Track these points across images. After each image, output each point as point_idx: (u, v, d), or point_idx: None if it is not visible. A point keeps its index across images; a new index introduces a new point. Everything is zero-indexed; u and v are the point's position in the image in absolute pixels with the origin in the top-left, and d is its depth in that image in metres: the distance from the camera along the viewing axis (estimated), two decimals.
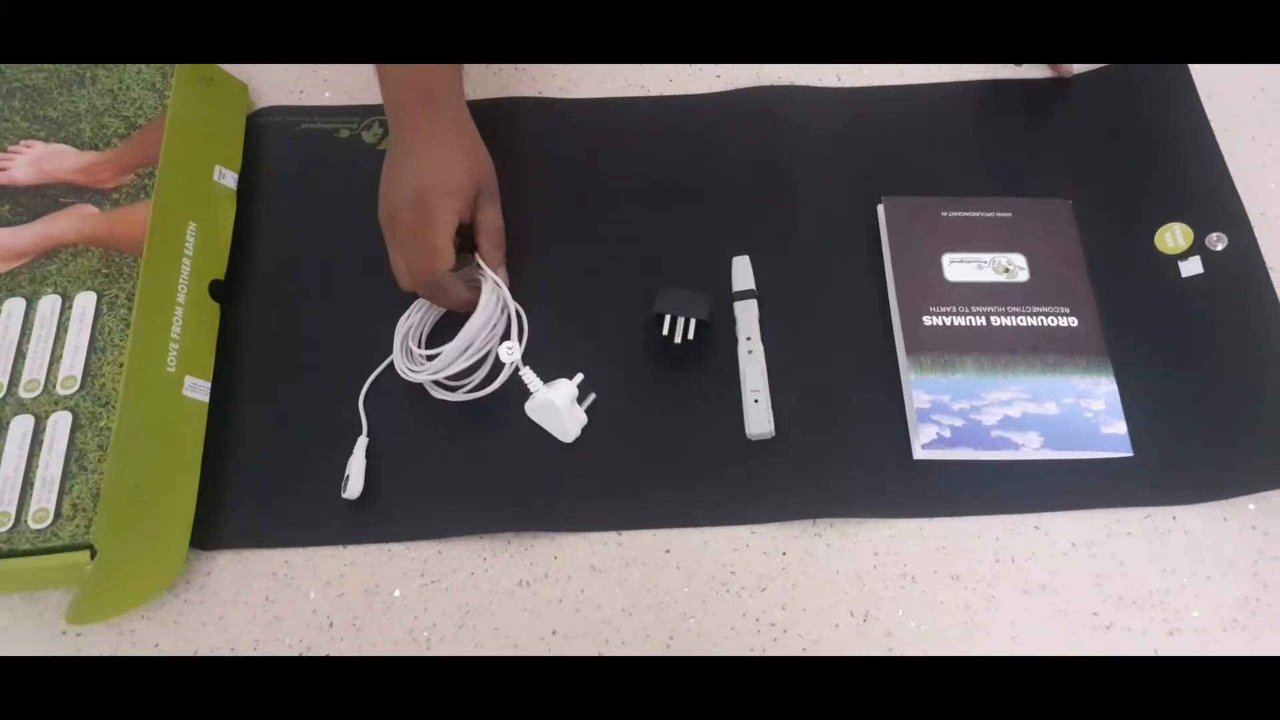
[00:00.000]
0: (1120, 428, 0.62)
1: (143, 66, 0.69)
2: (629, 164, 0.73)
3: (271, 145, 0.74)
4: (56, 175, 0.65)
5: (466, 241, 0.64)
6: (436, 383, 0.64)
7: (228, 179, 0.70)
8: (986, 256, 0.68)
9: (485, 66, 0.77)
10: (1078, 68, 0.76)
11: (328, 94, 0.76)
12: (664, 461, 0.62)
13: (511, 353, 0.61)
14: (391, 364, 0.65)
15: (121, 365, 0.59)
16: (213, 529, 0.60)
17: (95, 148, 0.67)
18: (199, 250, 0.66)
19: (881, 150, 0.74)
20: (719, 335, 0.66)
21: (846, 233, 0.70)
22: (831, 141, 0.74)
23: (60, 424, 0.58)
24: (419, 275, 0.60)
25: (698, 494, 0.61)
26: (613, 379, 0.65)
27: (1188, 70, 0.74)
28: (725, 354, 0.65)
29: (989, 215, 0.70)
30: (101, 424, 0.57)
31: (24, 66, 0.69)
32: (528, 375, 0.61)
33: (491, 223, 0.64)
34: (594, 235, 0.70)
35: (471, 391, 0.63)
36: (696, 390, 0.65)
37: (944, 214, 0.70)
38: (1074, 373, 0.64)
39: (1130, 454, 0.62)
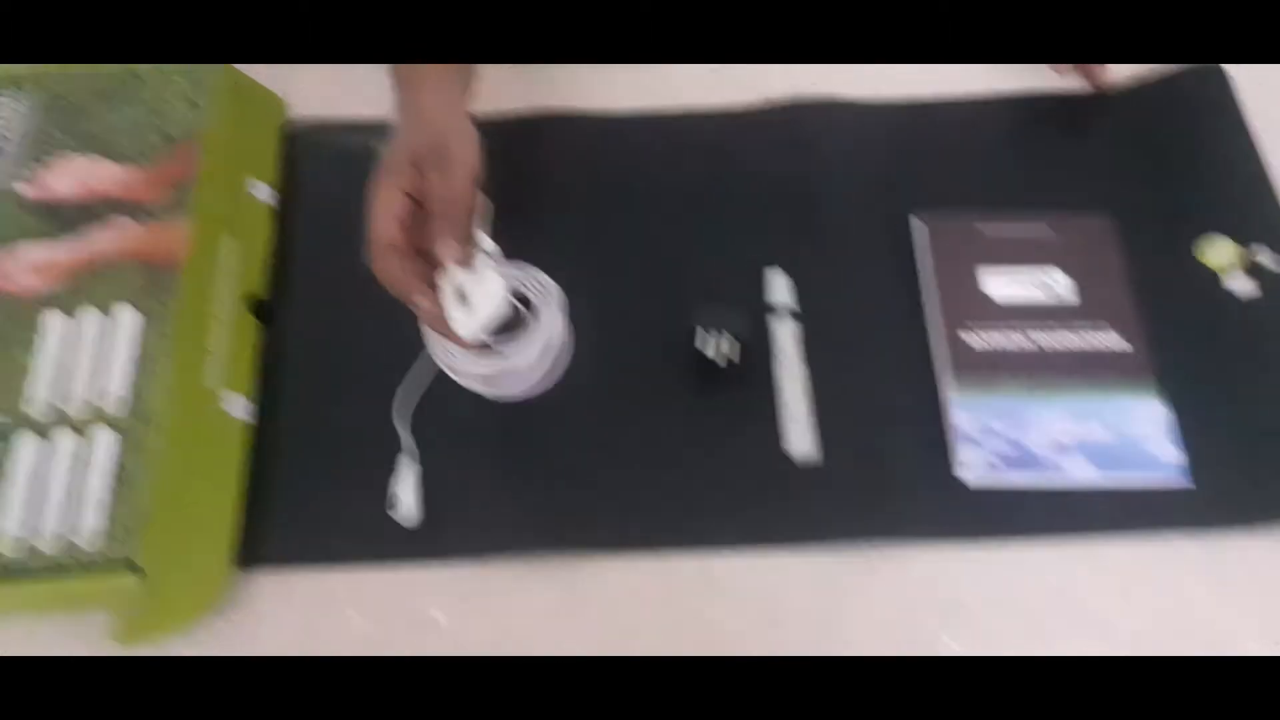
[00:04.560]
0: (1174, 452, 0.61)
1: (175, 77, 0.69)
2: (660, 179, 0.73)
3: (306, 159, 0.74)
4: (97, 190, 0.65)
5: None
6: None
7: (263, 193, 0.70)
8: (1027, 273, 0.68)
9: (510, 76, 0.76)
10: (1114, 74, 0.75)
11: (362, 107, 0.76)
12: (705, 483, 0.62)
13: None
14: (435, 380, 0.64)
15: (163, 382, 0.58)
16: (254, 548, 0.60)
17: (134, 162, 0.66)
18: (238, 266, 0.65)
19: (917, 165, 0.73)
20: (756, 353, 0.65)
21: (882, 249, 0.70)
22: (866, 156, 0.73)
23: (104, 442, 0.57)
24: (368, 253, 0.56)
25: (740, 517, 0.61)
26: (650, 398, 0.64)
27: (1227, 78, 0.73)
28: (763, 372, 0.65)
29: (1028, 230, 0.69)
30: (146, 442, 0.57)
31: (62, 80, 0.69)
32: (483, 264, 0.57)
33: (437, 189, 0.54)
34: (625, 251, 0.70)
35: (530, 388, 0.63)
36: (735, 410, 0.64)
37: (982, 230, 0.69)
38: (1123, 395, 0.63)
39: (1186, 480, 0.60)
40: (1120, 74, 0.75)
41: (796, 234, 0.70)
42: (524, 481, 0.62)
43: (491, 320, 0.56)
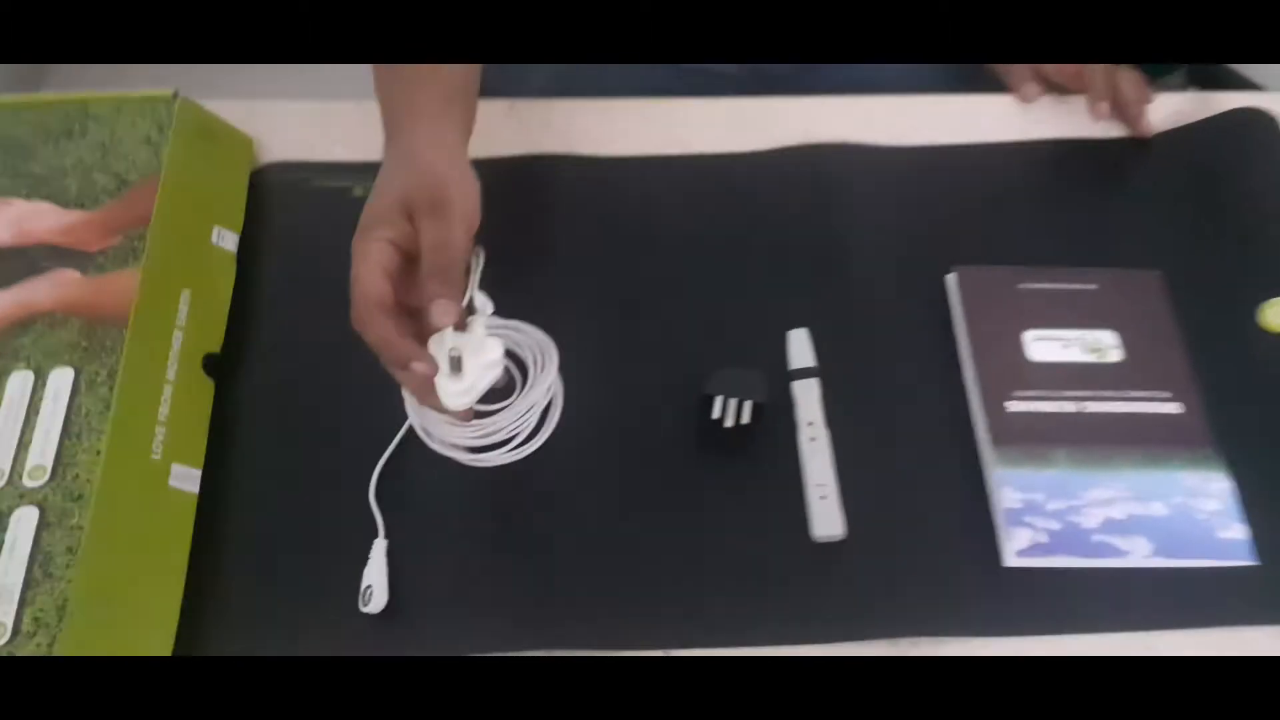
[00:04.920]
0: (1240, 531, 0.55)
1: (132, 113, 0.63)
2: (669, 227, 0.67)
3: (278, 204, 0.68)
4: (36, 236, 0.59)
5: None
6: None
7: (227, 241, 0.64)
8: (1073, 334, 0.61)
9: (504, 117, 0.70)
10: (1152, 118, 0.69)
11: (339, 149, 0.70)
12: (717, 566, 0.55)
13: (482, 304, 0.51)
14: (405, 445, 0.57)
15: (99, 453, 0.51)
16: (200, 643, 0.52)
17: (81, 206, 0.60)
18: (193, 321, 0.59)
19: (946, 215, 0.67)
20: (776, 418, 0.59)
21: (913, 305, 0.64)
22: (891, 204, 0.68)
23: (24, 522, 0.50)
24: (352, 313, 0.48)
25: (759, 606, 0.54)
26: (656, 467, 0.58)
27: (1274, 120, 0.68)
28: (783, 440, 0.58)
29: (1072, 287, 0.63)
30: (73, 522, 0.50)
31: (6, 117, 0.63)
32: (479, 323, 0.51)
33: (432, 241, 0.48)
34: (631, 305, 0.64)
35: (513, 451, 0.55)
36: (752, 482, 0.58)
37: (1022, 286, 0.63)
38: (1181, 467, 0.56)
39: (1254, 562, 0.54)
40: (1158, 115, 0.70)
41: (820, 290, 0.64)
42: (511, 558, 0.56)
43: (484, 390, 0.49)
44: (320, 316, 0.62)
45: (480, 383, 0.48)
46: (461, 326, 0.48)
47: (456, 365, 0.47)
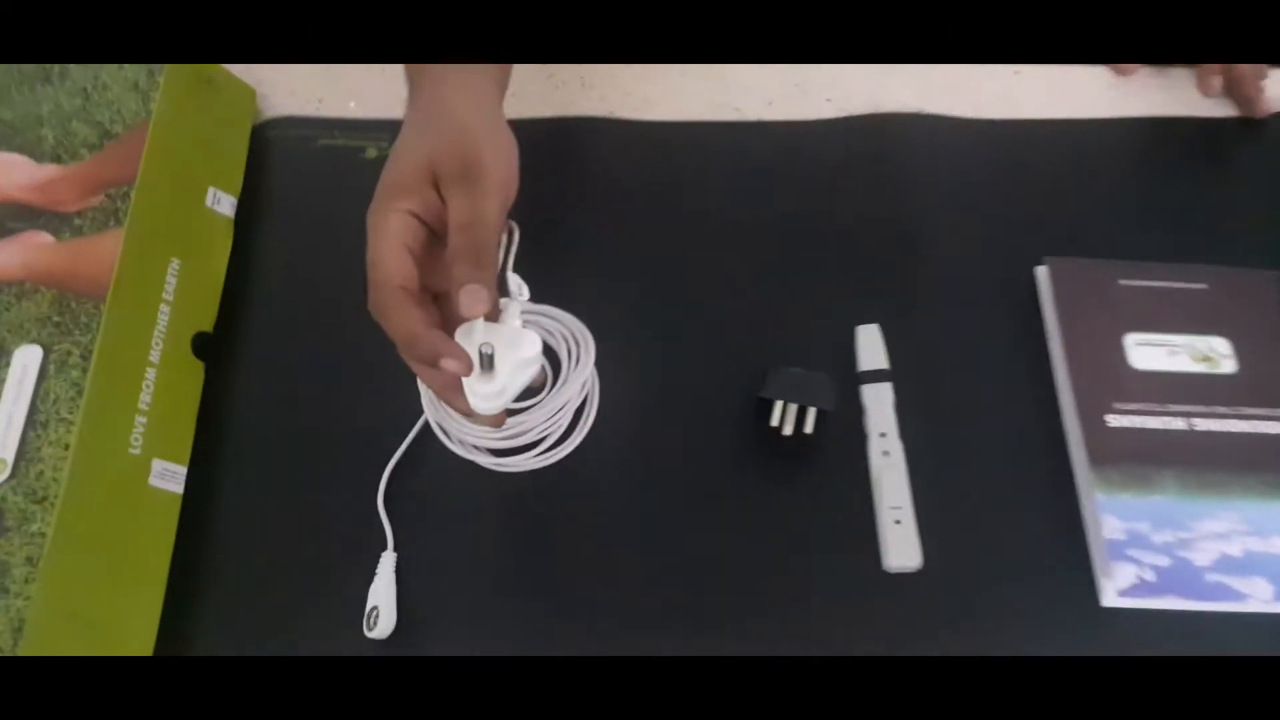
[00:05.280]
0: None
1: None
2: (722, 203, 0.59)
3: (281, 165, 0.61)
4: (4, 193, 0.52)
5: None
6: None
7: (224, 205, 0.57)
8: (1180, 339, 0.54)
9: (540, 75, 0.63)
10: (1271, 98, 0.61)
11: (353, 104, 0.62)
12: (771, 598, 0.49)
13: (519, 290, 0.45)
14: (419, 444, 0.50)
15: (68, 447, 0.44)
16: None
17: (58, 160, 0.53)
18: (182, 295, 0.52)
19: (1035, 198, 0.60)
20: (842, 427, 0.51)
21: (997, 300, 0.56)
22: (972, 183, 0.60)
23: None
24: (370, 300, 0.41)
25: (818, 646, 0.47)
26: (703, 480, 0.51)
27: None
28: (851, 453, 0.51)
29: (1179, 286, 0.56)
30: (34, 528, 0.43)
31: None
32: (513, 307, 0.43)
33: (462, 215, 0.40)
34: (678, 292, 0.56)
35: (543, 455, 0.49)
36: (813, 501, 0.51)
37: (1123, 283, 0.56)
38: None
39: None
40: (1276, 93, 0.62)
41: (891, 280, 0.56)
42: (540, 577, 0.49)
43: (518, 392, 0.41)
44: (327, 293, 0.56)
45: (514, 384, 0.41)
46: (493, 316, 0.41)
47: (488, 363, 0.40)
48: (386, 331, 0.40)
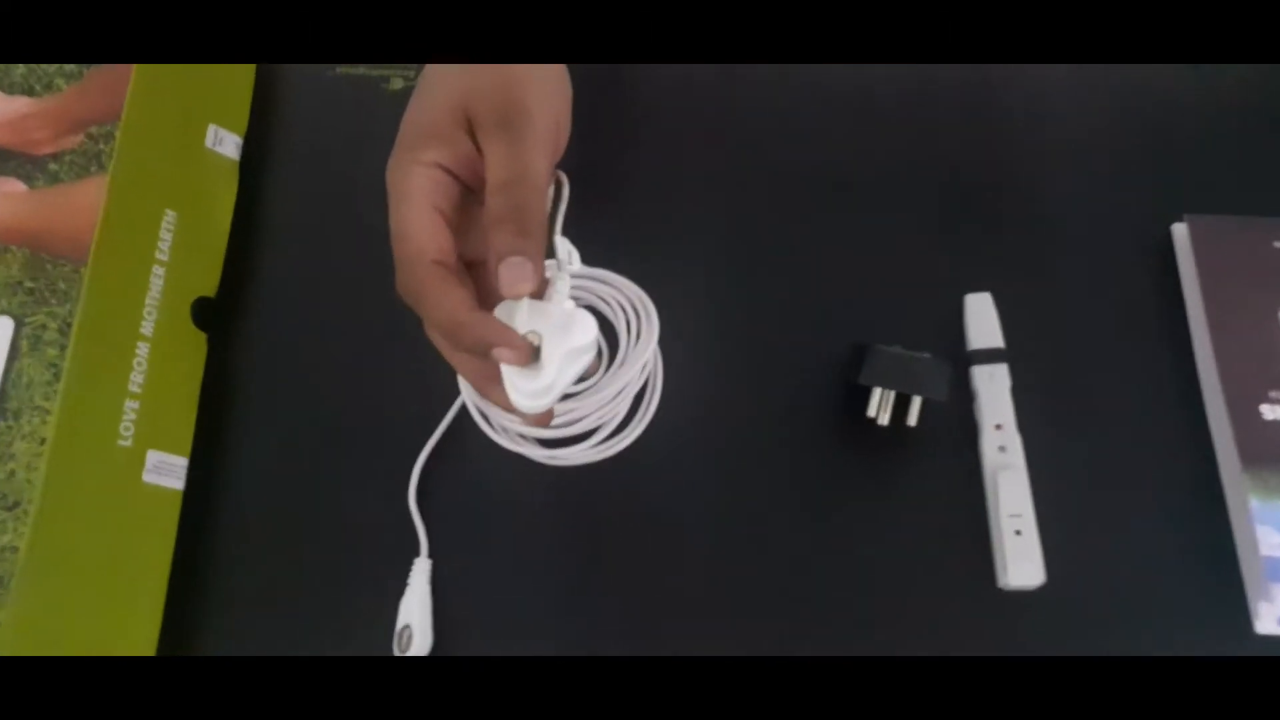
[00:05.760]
0: None
1: None
2: (805, 152, 0.52)
3: (293, 98, 0.53)
4: None
5: None
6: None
7: (227, 145, 0.49)
8: None
9: None
10: None
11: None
12: (862, 614, 0.42)
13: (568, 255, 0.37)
14: (455, 431, 0.44)
15: (44, 441, 0.38)
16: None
17: (29, 92, 0.45)
18: (179, 254, 0.45)
19: (1170, 147, 0.51)
20: (949, 413, 0.44)
21: (1127, 264, 0.49)
22: (1096, 128, 0.52)
23: None
24: (399, 279, 0.34)
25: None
26: (783, 478, 0.44)
27: None
28: (958, 444, 0.45)
29: None
30: (5, 540, 0.37)
31: None
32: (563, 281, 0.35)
33: (502, 171, 0.33)
34: (754, 256, 0.49)
35: (599, 445, 0.43)
36: (914, 504, 0.44)
37: (1278, 245, 0.47)
38: None
39: None
40: None
41: (1003, 243, 0.49)
42: (589, 601, 0.43)
43: (568, 385, 0.34)
44: (349, 249, 0.49)
45: (564, 378, 0.33)
46: (539, 293, 0.33)
47: (534, 355, 0.33)
48: (422, 315, 0.33)
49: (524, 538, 0.43)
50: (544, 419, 0.36)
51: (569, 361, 0.33)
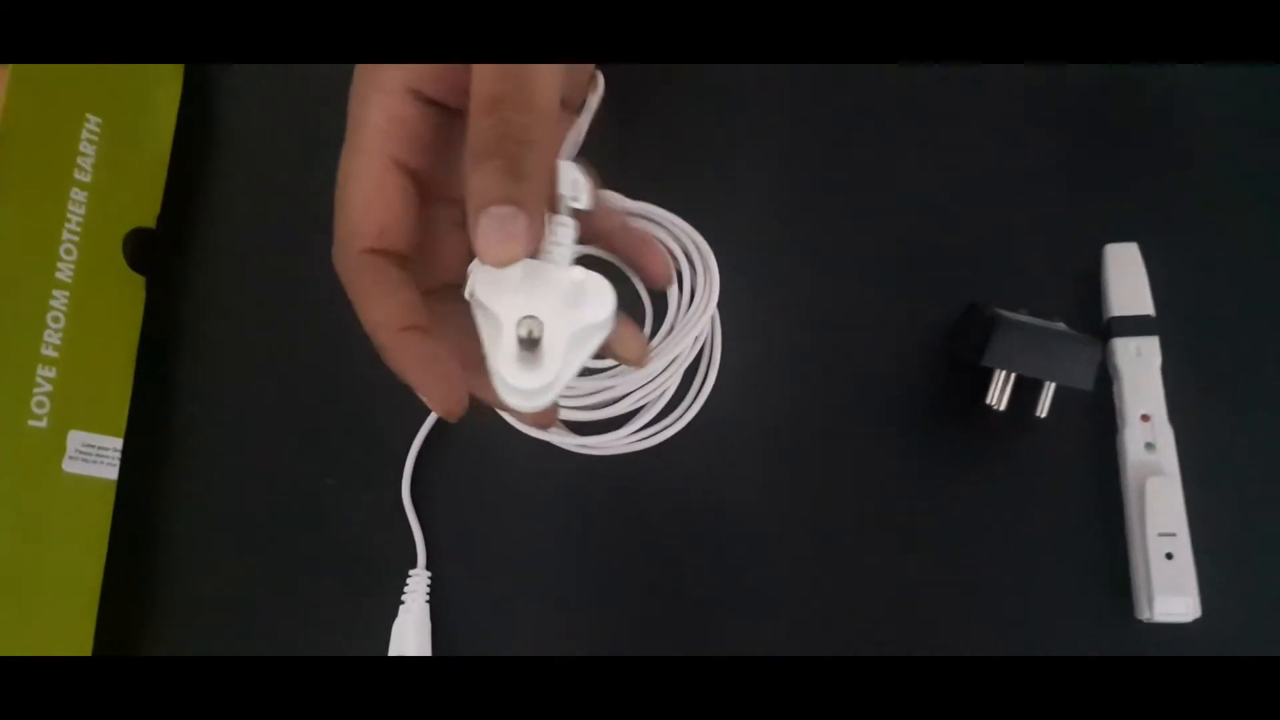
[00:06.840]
0: None
1: None
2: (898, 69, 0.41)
3: None
4: None
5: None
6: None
7: None
8: None
9: None
10: None
11: None
12: (973, 642, 0.35)
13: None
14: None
15: None
16: None
17: None
18: (106, 172, 0.37)
19: None
20: (1078, 396, 0.35)
21: None
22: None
23: None
24: (334, 257, 0.27)
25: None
26: (868, 473, 0.36)
27: None
28: (1091, 437, 0.36)
29: None
30: None
31: None
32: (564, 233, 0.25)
33: (489, 84, 0.24)
34: (833, 193, 0.39)
35: (642, 431, 0.35)
36: (1034, 509, 0.36)
37: None
38: None
39: None
40: None
41: (1148, 181, 0.39)
42: (627, 619, 0.36)
43: (575, 373, 0.24)
44: (325, 167, 0.38)
45: (570, 369, 0.24)
46: (537, 253, 0.24)
47: (530, 345, 0.23)
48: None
49: (545, 543, 0.36)
50: (544, 419, 0.28)
51: (576, 345, 0.24)
